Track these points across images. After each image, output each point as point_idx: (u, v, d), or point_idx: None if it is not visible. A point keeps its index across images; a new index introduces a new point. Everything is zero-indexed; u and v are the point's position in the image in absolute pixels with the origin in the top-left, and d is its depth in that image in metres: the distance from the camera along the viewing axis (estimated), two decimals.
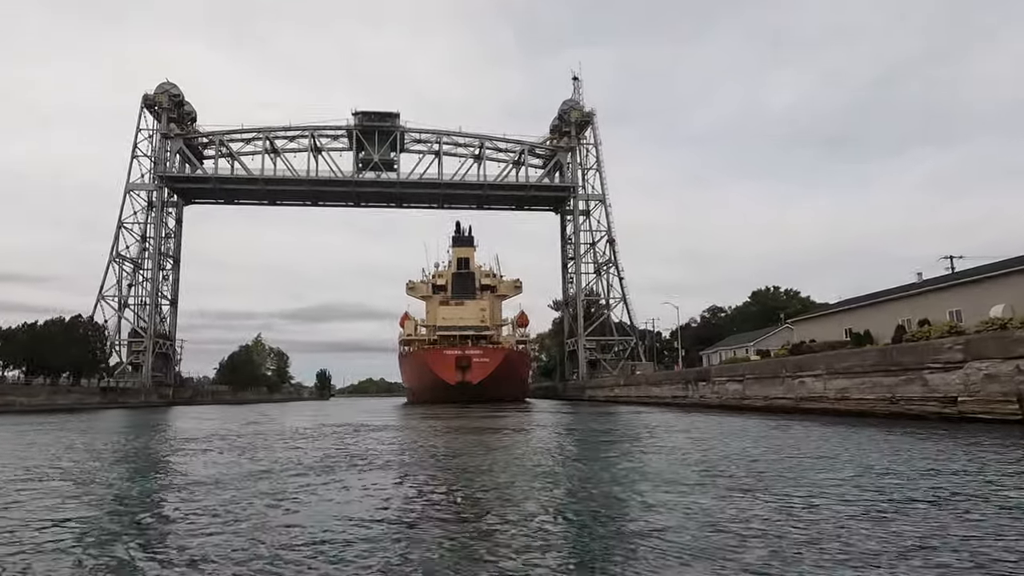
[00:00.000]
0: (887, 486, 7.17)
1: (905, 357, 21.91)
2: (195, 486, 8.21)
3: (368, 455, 11.96)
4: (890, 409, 22.24)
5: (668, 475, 8.52)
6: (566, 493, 7.42)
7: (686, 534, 5.11)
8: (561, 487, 7.89)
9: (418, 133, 76.16)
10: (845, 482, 7.54)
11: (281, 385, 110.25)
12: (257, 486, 8.13)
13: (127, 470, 10.48)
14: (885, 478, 7.76)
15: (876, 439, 13.15)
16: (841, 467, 8.83)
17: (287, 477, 8.98)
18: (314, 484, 8.26)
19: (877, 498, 6.50)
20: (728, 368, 36.45)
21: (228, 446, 14.51)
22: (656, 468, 9.34)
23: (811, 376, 26.61)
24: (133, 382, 64.43)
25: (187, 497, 7.40)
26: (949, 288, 31.94)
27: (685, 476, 8.35)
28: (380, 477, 8.96)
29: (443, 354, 67.31)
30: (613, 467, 9.65)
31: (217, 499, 7.19)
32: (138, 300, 69.58)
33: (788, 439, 13.80)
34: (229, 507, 6.67)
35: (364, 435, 17.65)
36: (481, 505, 6.69)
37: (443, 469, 9.88)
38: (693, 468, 9.17)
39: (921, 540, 4.82)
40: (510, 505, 6.63)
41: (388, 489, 7.89)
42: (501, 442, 15.21)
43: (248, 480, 8.73)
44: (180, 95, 71.70)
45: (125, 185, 69.18)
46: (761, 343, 53.16)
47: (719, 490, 7.19)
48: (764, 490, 7.09)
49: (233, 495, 7.46)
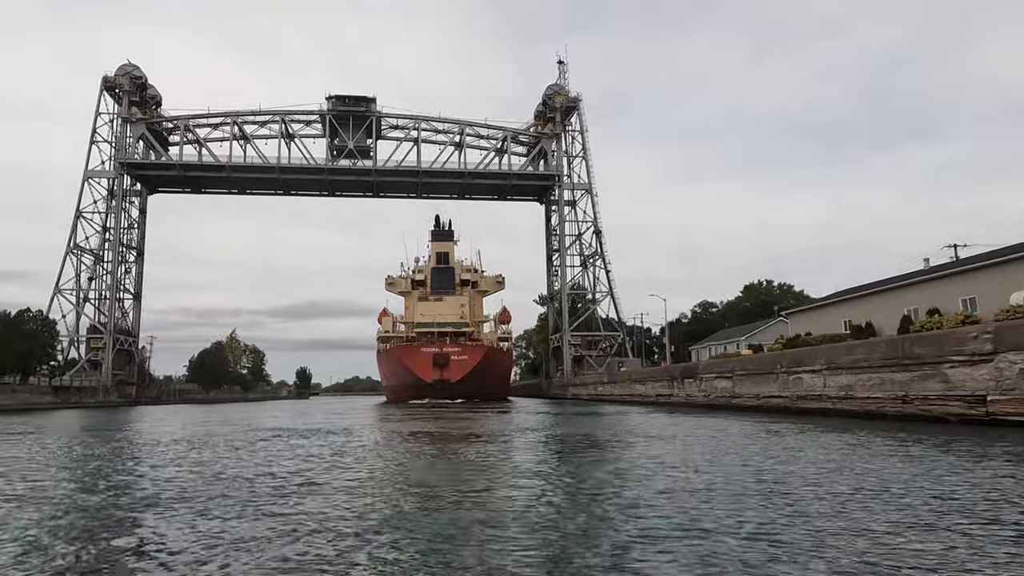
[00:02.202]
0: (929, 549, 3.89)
1: (921, 348, 18.76)
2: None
3: (231, 483, 8.49)
4: (902, 410, 19.17)
5: (595, 525, 5.18)
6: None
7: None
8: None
9: (395, 119, 72.67)
10: (872, 547, 4.22)
11: (257, 384, 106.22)
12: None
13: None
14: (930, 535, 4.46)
15: (892, 450, 9.90)
16: (857, 508, 5.53)
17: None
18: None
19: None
20: (717, 364, 33.26)
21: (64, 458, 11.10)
22: (588, 514, 5.98)
23: (809, 372, 23.46)
24: (90, 380, 60.79)
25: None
26: (961, 274, 28.72)
27: (620, 526, 5.01)
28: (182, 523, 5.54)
29: (420, 351, 66.02)
30: (547, 498, 6.35)
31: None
32: (98, 294, 65.85)
33: (781, 451, 10.51)
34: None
35: (279, 445, 14.14)
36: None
37: (285, 510, 6.46)
38: (641, 511, 5.82)
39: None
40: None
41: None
42: (421, 460, 11.84)
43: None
44: (143, 77, 67.90)
45: (83, 172, 65.44)
46: (753, 337, 49.95)
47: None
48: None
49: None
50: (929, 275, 31.69)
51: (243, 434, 18.24)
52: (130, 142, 67.55)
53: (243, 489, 7.54)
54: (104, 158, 66.93)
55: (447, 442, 14.84)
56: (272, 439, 16.16)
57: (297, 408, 51.93)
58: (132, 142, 67.74)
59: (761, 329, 53.02)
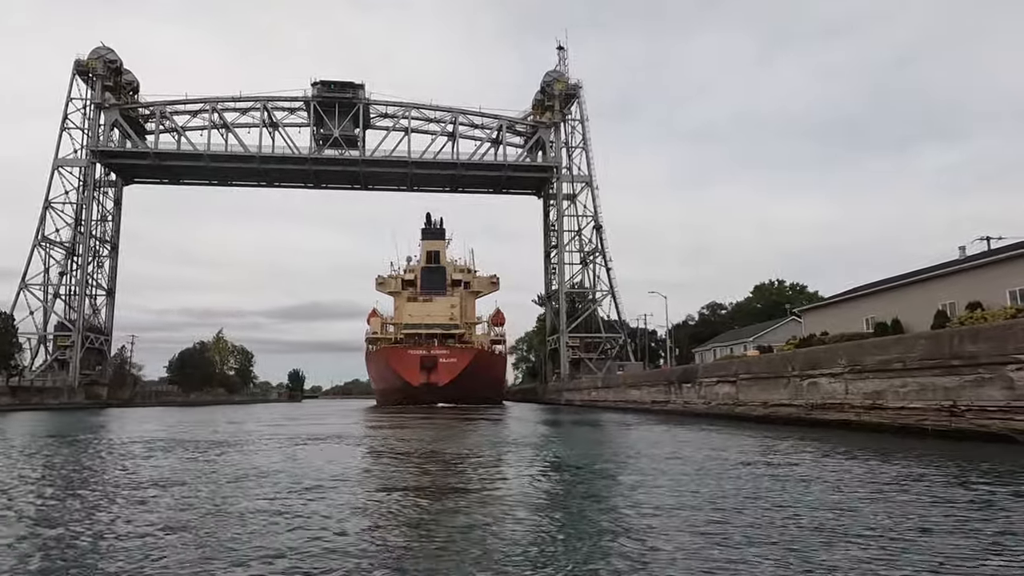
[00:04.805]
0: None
1: (976, 345, 14.49)
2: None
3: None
4: (949, 423, 14.91)
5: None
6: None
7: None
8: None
9: (384, 106, 68.52)
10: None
11: (244, 386, 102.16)
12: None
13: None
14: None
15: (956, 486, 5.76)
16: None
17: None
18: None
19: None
20: (718, 366, 28.93)
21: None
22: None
23: (827, 376, 19.14)
24: (54, 381, 57.16)
25: None
26: (1007, 262, 24.22)
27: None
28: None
29: (407, 354, 63.24)
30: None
31: None
32: (68, 289, 62.29)
33: (798, 490, 6.28)
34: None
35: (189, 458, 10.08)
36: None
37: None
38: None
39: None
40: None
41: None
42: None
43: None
44: (118, 61, 64.26)
45: (53, 160, 61.96)
46: (763, 338, 45.34)
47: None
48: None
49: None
50: (966, 264, 27.19)
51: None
52: (103, 129, 63.98)
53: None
54: (76, 146, 63.44)
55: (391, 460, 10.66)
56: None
57: (270, 413, 48.00)
58: (106, 129, 64.18)
59: (771, 329, 48.33)
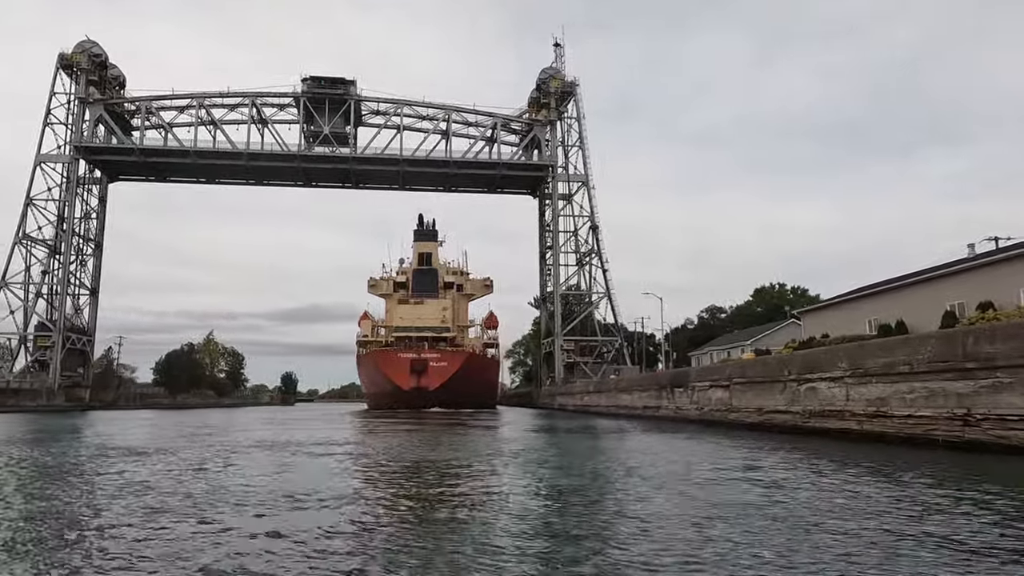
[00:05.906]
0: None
1: (993, 346, 12.85)
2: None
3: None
4: (962, 434, 13.22)
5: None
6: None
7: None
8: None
9: (376, 103, 67.03)
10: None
11: (234, 389, 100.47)
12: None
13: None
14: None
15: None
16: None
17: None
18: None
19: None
20: (711, 370, 27.27)
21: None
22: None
23: (827, 380, 17.47)
24: (32, 383, 55.63)
25: None
26: (1022, 258, 22.53)
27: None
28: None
29: (397, 357, 61.99)
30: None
31: None
32: (50, 288, 60.78)
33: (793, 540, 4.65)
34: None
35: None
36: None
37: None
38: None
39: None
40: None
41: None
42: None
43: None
44: (103, 55, 62.85)
45: (35, 156, 60.52)
46: (760, 341, 43.55)
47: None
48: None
49: None
50: (975, 262, 25.53)
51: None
52: (87, 125, 62.56)
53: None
54: (60, 142, 62.01)
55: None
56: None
57: (247, 416, 46.33)
58: (90, 125, 62.74)
59: (770, 332, 46.54)
